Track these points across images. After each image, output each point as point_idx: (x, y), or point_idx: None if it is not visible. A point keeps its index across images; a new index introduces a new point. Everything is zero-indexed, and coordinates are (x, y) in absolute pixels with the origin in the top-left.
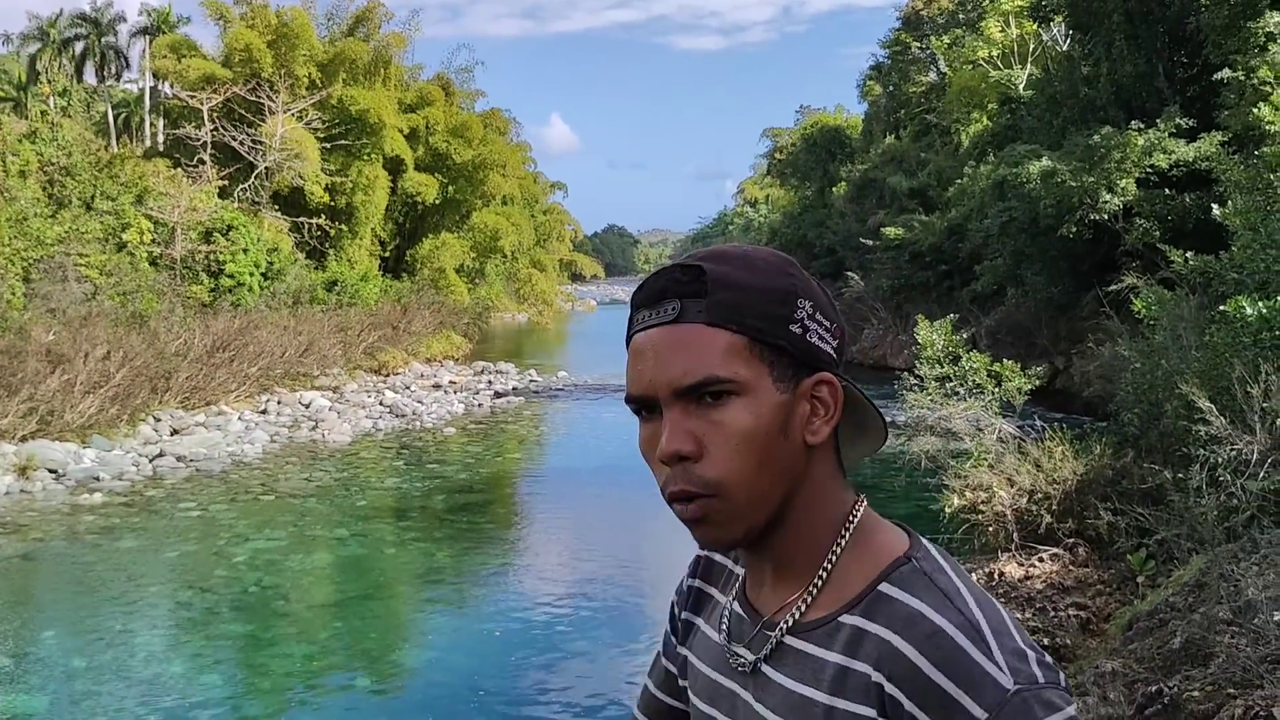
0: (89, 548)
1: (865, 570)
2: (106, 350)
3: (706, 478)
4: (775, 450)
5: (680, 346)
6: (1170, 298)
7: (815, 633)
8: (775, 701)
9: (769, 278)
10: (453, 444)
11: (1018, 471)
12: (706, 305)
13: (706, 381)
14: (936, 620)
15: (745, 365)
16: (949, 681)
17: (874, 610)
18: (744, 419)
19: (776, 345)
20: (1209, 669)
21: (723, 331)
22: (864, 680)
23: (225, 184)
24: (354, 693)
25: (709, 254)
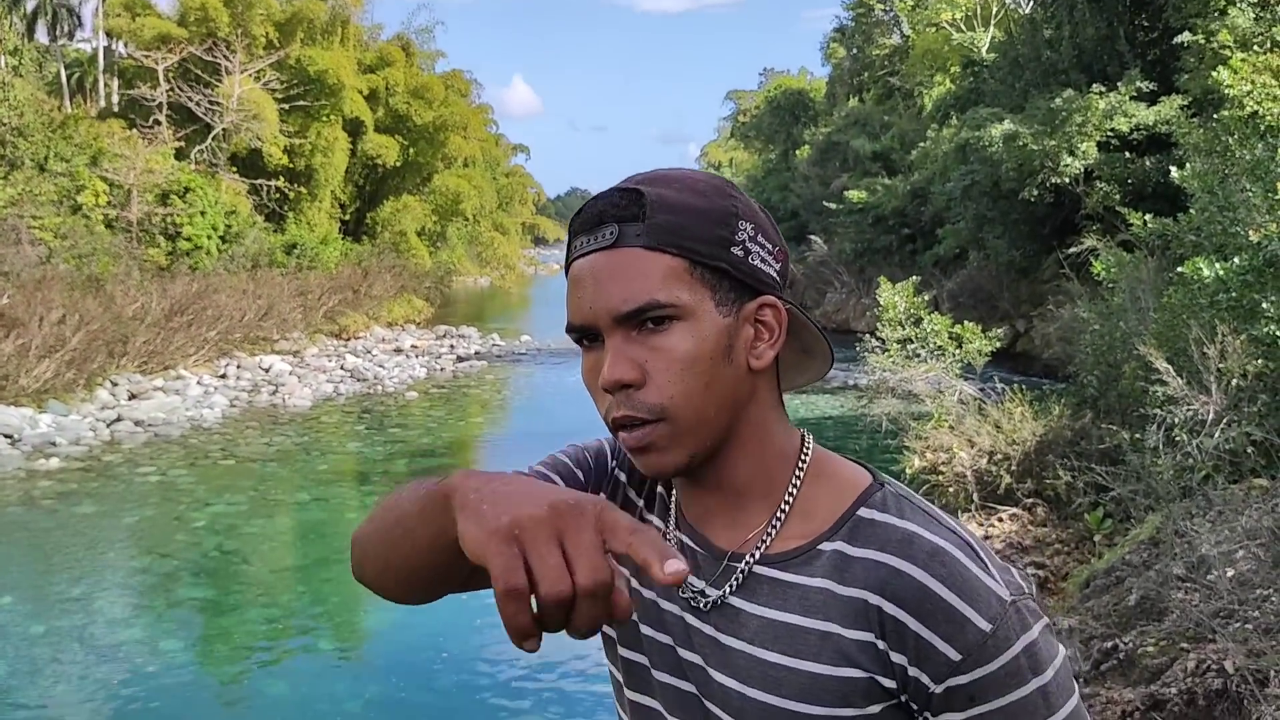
0: (46, 514)
1: (834, 499)
2: (62, 314)
3: (650, 403)
4: (719, 374)
5: (619, 272)
6: (1129, 260)
7: (791, 562)
8: (751, 633)
9: (709, 199)
10: (415, 408)
11: (978, 433)
12: (645, 229)
13: (646, 307)
14: (933, 539)
15: (686, 289)
16: (956, 596)
17: (857, 535)
18: (686, 344)
19: (717, 268)
20: (1163, 624)
21: (662, 255)
22: (858, 605)
23: (182, 145)
24: (317, 656)
25: (647, 177)
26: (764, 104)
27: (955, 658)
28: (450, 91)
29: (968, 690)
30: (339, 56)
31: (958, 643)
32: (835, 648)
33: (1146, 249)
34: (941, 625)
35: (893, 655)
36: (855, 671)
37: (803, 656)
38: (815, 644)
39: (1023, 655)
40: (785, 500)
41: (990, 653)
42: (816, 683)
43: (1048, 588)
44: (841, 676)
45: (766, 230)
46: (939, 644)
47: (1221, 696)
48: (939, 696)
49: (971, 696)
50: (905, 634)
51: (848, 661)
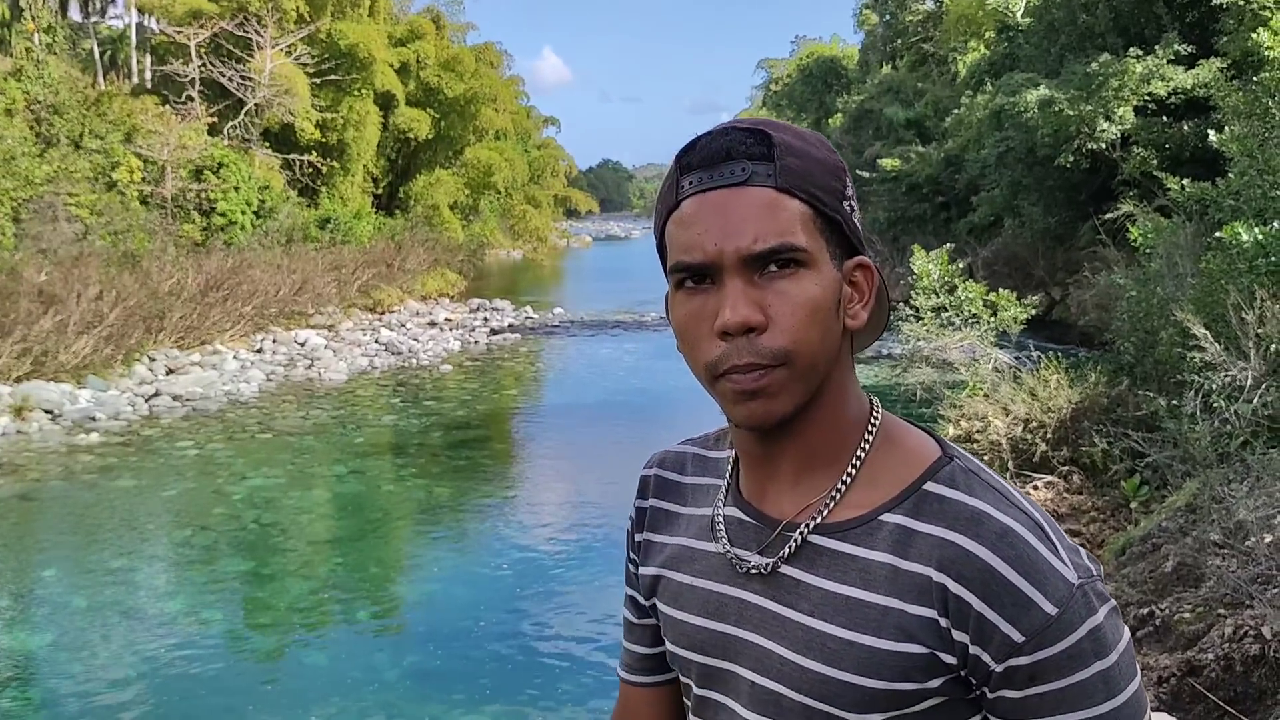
0: (87, 487)
1: (900, 469)
2: (99, 290)
3: (774, 347)
4: (831, 326)
5: (752, 211)
6: (1167, 226)
7: (852, 532)
8: (811, 605)
9: (822, 151)
10: (449, 381)
11: (1013, 401)
12: (778, 170)
13: (780, 249)
14: (1003, 519)
15: (812, 236)
16: (1023, 579)
17: (923, 509)
18: (812, 290)
19: (833, 220)
20: (1200, 591)
21: (793, 199)
22: (922, 581)
23: (215, 121)
24: (355, 626)
25: (762, 121)
26: (796, 72)
27: (1018, 639)
28: (481, 64)
29: (1028, 670)
30: (369, 30)
31: (1022, 625)
32: (897, 623)
33: (1184, 214)
34: (1007, 608)
35: (955, 633)
36: (916, 647)
37: (863, 630)
38: (876, 618)
39: (1087, 639)
40: (850, 467)
41: (1054, 636)
42: (876, 657)
43: None
44: (902, 652)
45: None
46: (1003, 625)
47: (1259, 662)
48: (999, 675)
49: (1032, 676)
50: (969, 614)
51: (909, 637)
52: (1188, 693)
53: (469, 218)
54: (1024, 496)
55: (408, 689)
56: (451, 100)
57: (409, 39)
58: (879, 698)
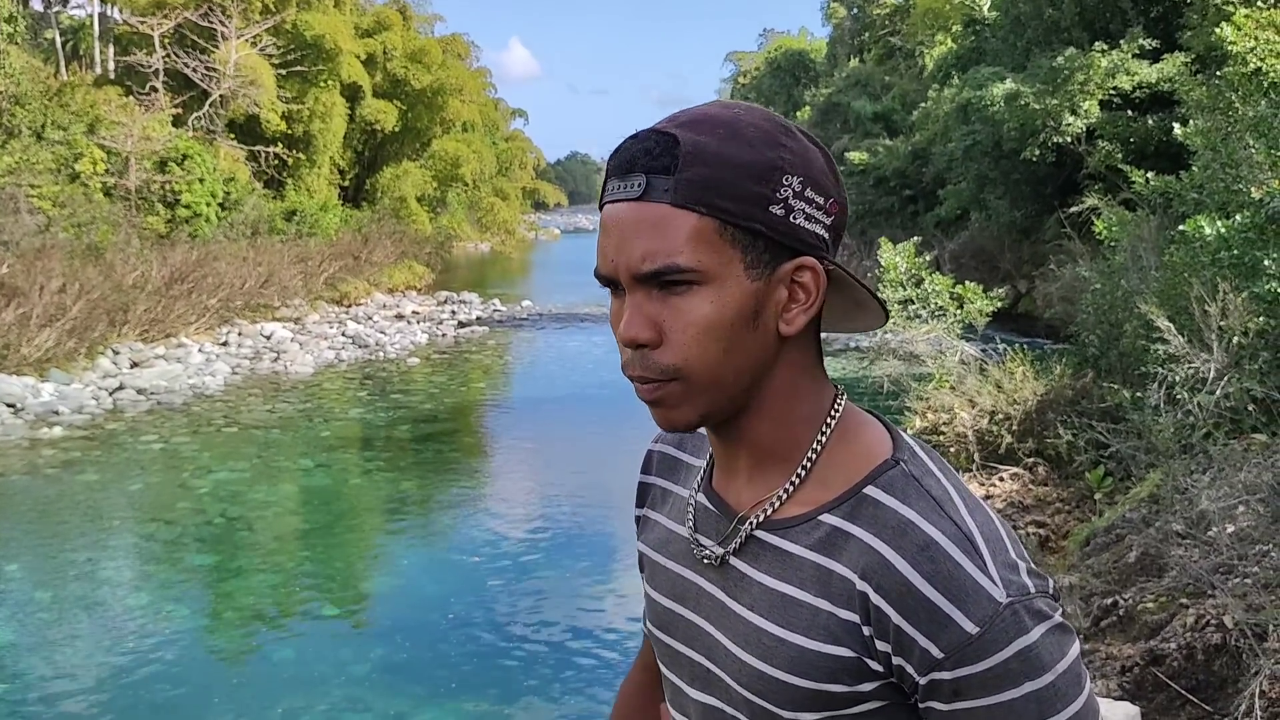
0: (50, 481)
1: (849, 469)
2: (62, 283)
3: (663, 364)
4: (740, 340)
5: (642, 228)
6: (1131, 219)
7: (792, 530)
8: (751, 599)
9: (754, 150)
10: (417, 374)
11: (979, 393)
12: (674, 183)
13: (665, 270)
14: (928, 531)
15: (712, 251)
16: (941, 596)
17: (858, 514)
18: (705, 309)
19: (751, 228)
20: (1162, 580)
21: (689, 214)
22: (847, 586)
23: (179, 112)
24: (322, 621)
25: (692, 117)
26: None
27: (937, 655)
28: (448, 55)
29: (951, 685)
30: (335, 21)
31: (940, 641)
32: (825, 625)
33: (1148, 207)
34: (924, 624)
35: (878, 642)
36: (844, 650)
37: (794, 629)
38: (808, 618)
39: (1014, 659)
40: (802, 465)
41: (975, 654)
42: (805, 657)
43: (1049, 546)
44: (829, 654)
45: (819, 182)
46: (920, 640)
47: (1220, 651)
48: (924, 686)
49: (956, 691)
50: (888, 625)
51: (835, 640)
52: (1150, 681)
53: (436, 210)
54: (968, 504)
55: (375, 682)
56: (419, 92)
57: (375, 30)
58: (810, 697)
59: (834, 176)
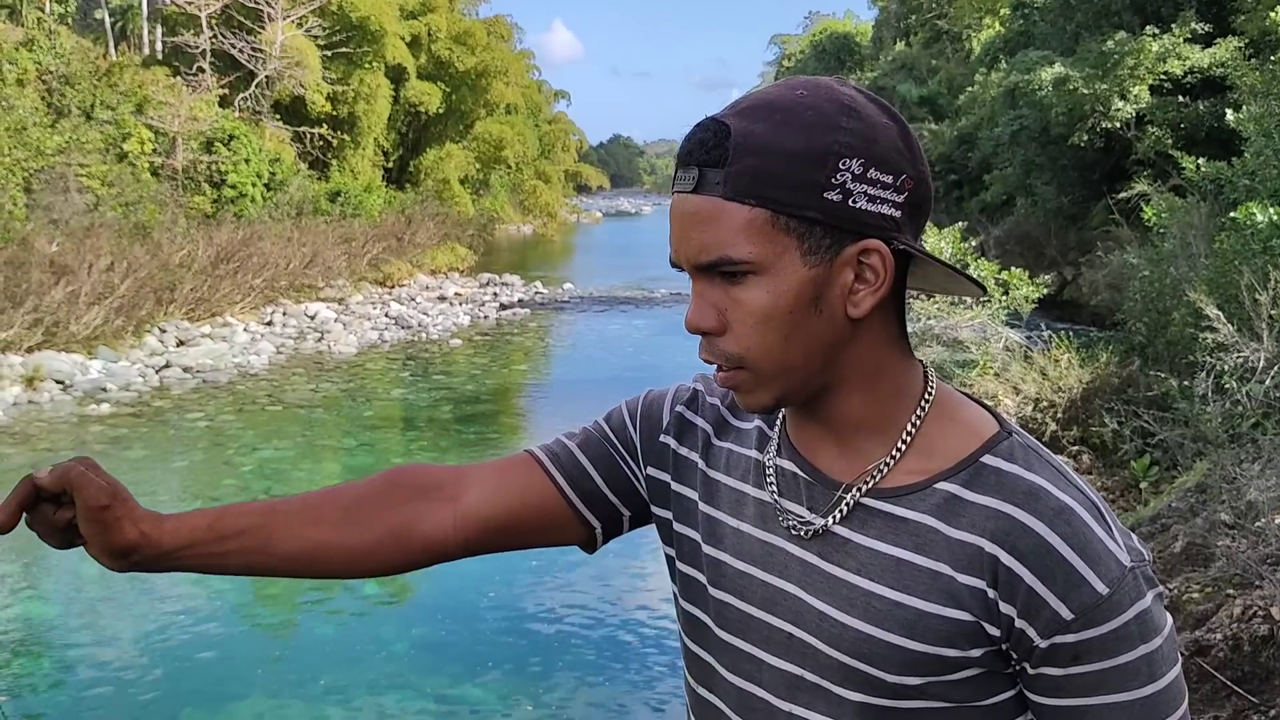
0: (98, 457)
1: (957, 441)
2: (110, 261)
3: (727, 352)
4: (801, 326)
5: (698, 221)
6: (1181, 205)
7: (906, 498)
8: (858, 564)
9: (808, 136)
10: (459, 355)
11: (1023, 380)
12: (725, 176)
13: (719, 262)
14: (1061, 496)
15: (765, 242)
16: (1077, 557)
17: (978, 481)
18: (761, 299)
19: (805, 217)
20: (1209, 571)
21: (741, 206)
22: (973, 551)
23: (225, 93)
24: (363, 598)
25: (750, 105)
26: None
27: (1067, 616)
28: (492, 37)
29: (1073, 649)
30: (380, 2)
31: (1072, 602)
32: (945, 588)
33: (1199, 194)
34: (1059, 584)
35: (1002, 605)
36: (963, 614)
37: (911, 592)
38: (926, 582)
39: (1134, 622)
40: (904, 437)
41: (1103, 616)
42: (923, 620)
43: None
44: (948, 617)
45: (886, 159)
46: (1053, 601)
47: (1267, 642)
48: (1042, 651)
49: (1076, 655)
50: (1018, 587)
51: (956, 603)
52: (1195, 672)
53: (479, 192)
54: (1081, 478)
55: (414, 660)
56: (462, 74)
57: (420, 12)
58: (920, 661)
59: (909, 151)
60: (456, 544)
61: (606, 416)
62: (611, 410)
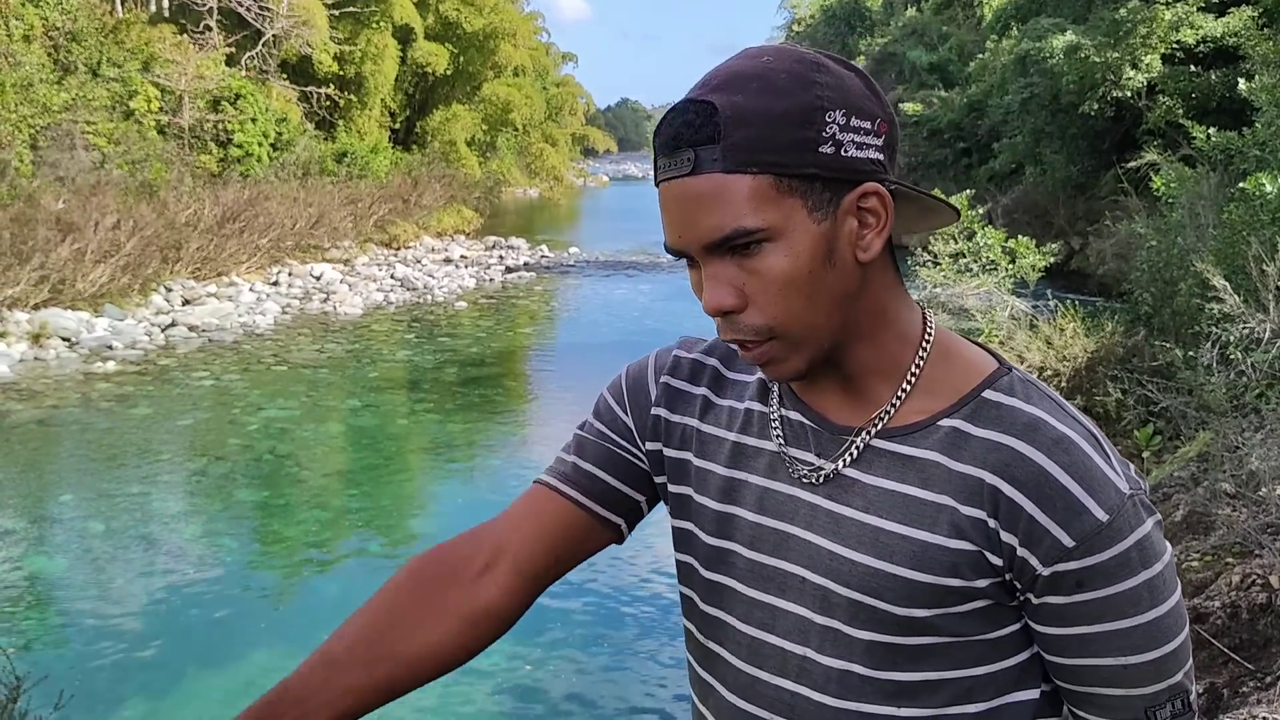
0: (104, 414)
1: (958, 379)
2: (116, 219)
3: (754, 325)
4: (822, 283)
5: (702, 201)
6: (1190, 175)
7: (910, 436)
8: (866, 502)
9: (790, 97)
10: (464, 318)
11: (1028, 348)
12: (721, 151)
13: (733, 235)
14: (1060, 427)
15: (773, 207)
16: (1077, 485)
17: (980, 415)
18: (780, 265)
19: (805, 174)
20: (1209, 539)
21: (743, 176)
22: (974, 483)
23: (232, 51)
24: (368, 557)
25: (722, 79)
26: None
27: (1068, 544)
28: None
29: (1075, 576)
30: None
31: (1073, 529)
32: (950, 520)
33: (1208, 164)
34: (1059, 511)
35: (1003, 535)
36: (967, 544)
37: (918, 526)
38: (931, 514)
39: (1134, 549)
40: (908, 379)
41: (1104, 542)
42: (928, 552)
43: None
44: (952, 548)
45: (862, 107)
46: (1053, 529)
47: (1265, 610)
48: (1045, 579)
49: (1079, 582)
50: (1019, 516)
51: (960, 534)
52: (1193, 639)
53: (486, 154)
54: (1078, 410)
55: None
56: (470, 35)
57: None
58: (926, 591)
59: (875, 95)
60: (515, 605)
61: (595, 412)
62: (597, 402)
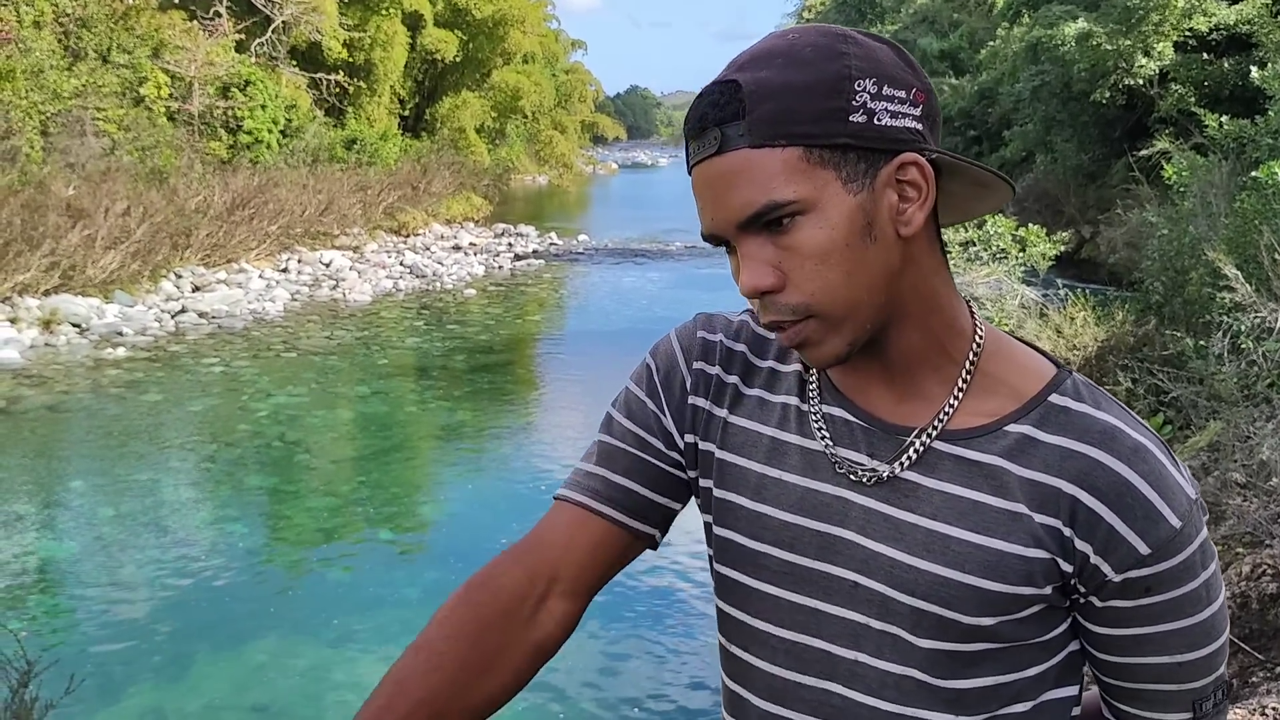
0: (114, 400)
1: (1016, 380)
2: (127, 206)
3: (792, 304)
4: (860, 257)
5: (731, 179)
6: (1202, 164)
7: (976, 440)
8: (933, 508)
9: (816, 69)
10: (473, 305)
11: (1038, 338)
12: (747, 126)
13: (765, 210)
14: (1136, 436)
15: (805, 179)
16: (1155, 493)
17: (1049, 421)
18: (816, 239)
19: (836, 144)
20: (1219, 529)
21: (772, 150)
22: (1050, 491)
23: (242, 38)
24: (377, 543)
25: (748, 58)
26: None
27: (1144, 551)
28: None
29: (1145, 582)
30: None
31: (1150, 537)
32: (1026, 528)
33: (1221, 153)
34: (1139, 520)
35: (1078, 543)
36: (1041, 552)
37: (992, 534)
38: (1006, 523)
39: (1198, 551)
40: (964, 376)
41: (1175, 548)
42: (1004, 561)
43: None
44: (1029, 556)
45: (895, 77)
46: (1131, 538)
47: (1275, 600)
48: (1115, 585)
49: (1148, 588)
50: (1098, 525)
51: (1036, 542)
52: None
53: (495, 142)
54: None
55: (427, 606)
56: (480, 21)
57: None
58: (998, 600)
59: (910, 66)
60: (569, 630)
61: (625, 409)
62: (624, 397)
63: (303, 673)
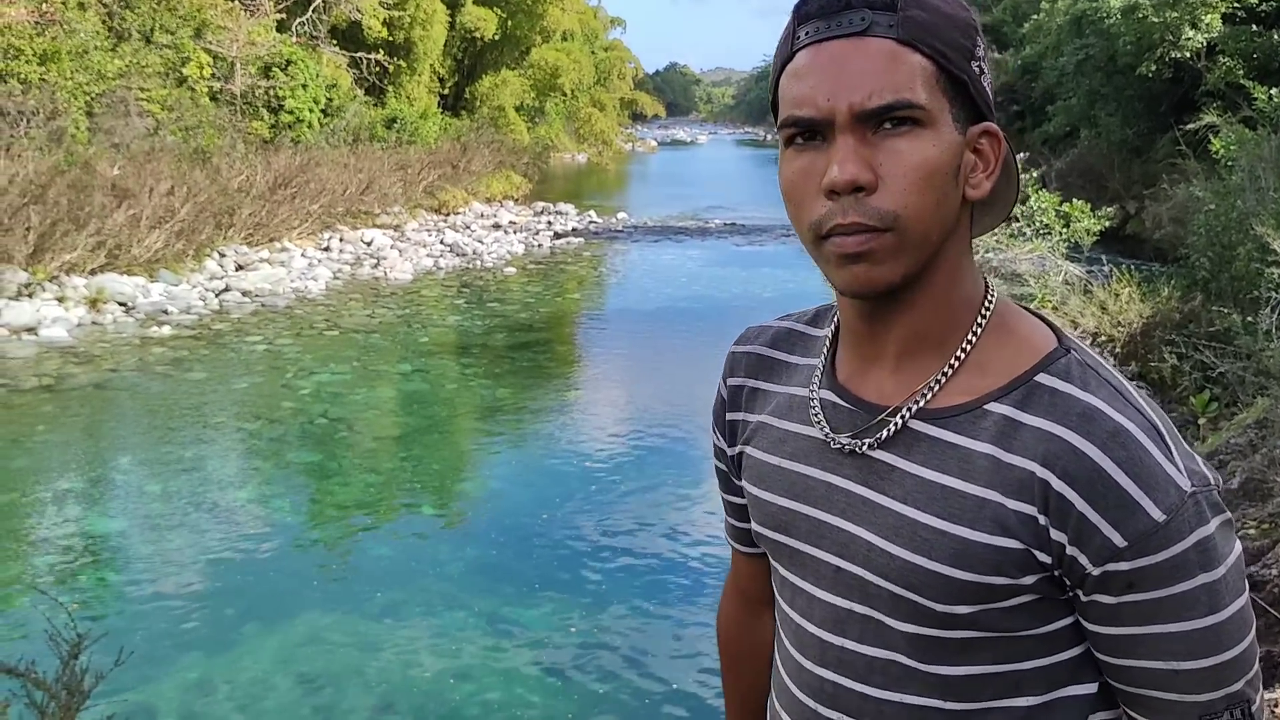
0: (159, 378)
1: (1012, 358)
2: (171, 185)
3: (883, 209)
4: (948, 194)
5: (869, 64)
6: (1251, 137)
7: (955, 420)
8: (903, 491)
9: (952, 5)
10: (513, 283)
11: (1082, 314)
12: (900, 20)
13: (897, 105)
14: (1116, 418)
15: (933, 94)
16: (1131, 482)
17: (1032, 401)
18: (928, 151)
19: (959, 79)
20: (1266, 507)
21: (915, 52)
22: (1023, 475)
23: (283, 18)
24: (419, 520)
25: None
26: None
27: (1119, 544)
28: None
29: (1126, 577)
30: None
31: (1125, 529)
32: (994, 516)
33: (1270, 126)
34: (1111, 510)
35: (1053, 532)
36: (1012, 542)
37: (958, 521)
38: (973, 510)
39: (1193, 550)
40: (959, 352)
41: (1159, 544)
42: (970, 550)
43: None
44: (997, 546)
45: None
46: (1104, 528)
47: None
48: (1094, 579)
49: (1130, 584)
50: (1069, 513)
51: (1005, 531)
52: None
53: (534, 120)
54: (1143, 396)
55: (467, 580)
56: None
57: None
58: (968, 590)
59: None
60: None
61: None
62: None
63: (348, 645)
